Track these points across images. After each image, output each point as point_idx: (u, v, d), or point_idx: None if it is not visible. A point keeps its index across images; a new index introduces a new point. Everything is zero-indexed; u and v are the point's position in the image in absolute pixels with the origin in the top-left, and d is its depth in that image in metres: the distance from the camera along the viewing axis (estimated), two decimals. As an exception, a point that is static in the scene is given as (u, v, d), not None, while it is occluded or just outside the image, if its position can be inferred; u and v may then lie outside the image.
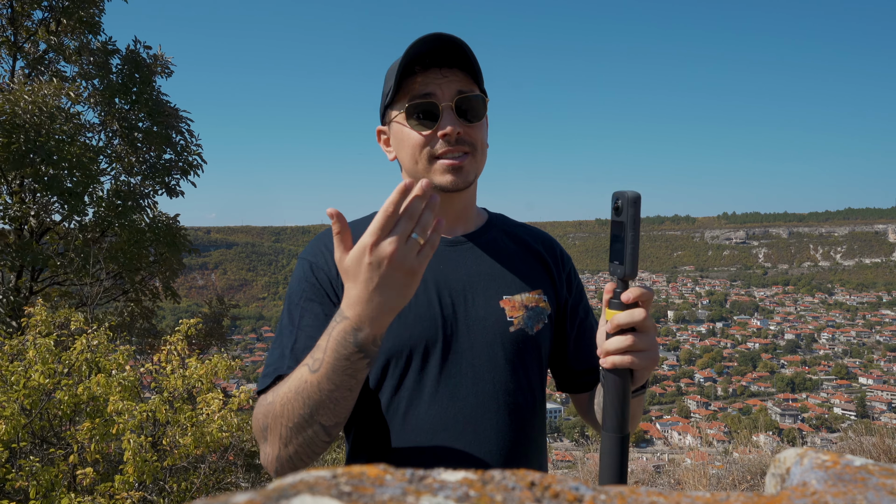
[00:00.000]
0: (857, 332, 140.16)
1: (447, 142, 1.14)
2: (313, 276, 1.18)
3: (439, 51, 1.12)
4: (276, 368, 1.11)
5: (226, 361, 4.09)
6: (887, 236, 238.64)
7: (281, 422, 1.00)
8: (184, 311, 51.08)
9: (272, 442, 1.03)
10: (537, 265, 1.29)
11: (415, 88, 1.14)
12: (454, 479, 0.37)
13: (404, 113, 1.16)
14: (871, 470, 0.43)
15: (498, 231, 1.31)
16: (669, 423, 69.89)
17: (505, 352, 1.17)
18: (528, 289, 1.24)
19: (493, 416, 1.14)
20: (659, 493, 0.40)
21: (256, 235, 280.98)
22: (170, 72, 10.43)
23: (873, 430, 5.84)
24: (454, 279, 1.20)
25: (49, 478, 3.19)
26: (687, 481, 5.24)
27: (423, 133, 1.14)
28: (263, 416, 1.04)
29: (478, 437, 1.12)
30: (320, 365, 0.95)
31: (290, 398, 0.99)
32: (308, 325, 1.13)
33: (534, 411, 1.20)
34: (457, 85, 1.15)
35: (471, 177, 1.18)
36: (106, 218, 9.45)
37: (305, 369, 0.97)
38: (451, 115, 1.14)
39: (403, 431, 1.13)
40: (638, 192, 0.99)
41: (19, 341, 3.92)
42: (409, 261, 0.88)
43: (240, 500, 0.34)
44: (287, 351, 1.12)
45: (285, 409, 1.00)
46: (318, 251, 1.21)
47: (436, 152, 1.15)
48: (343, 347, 0.93)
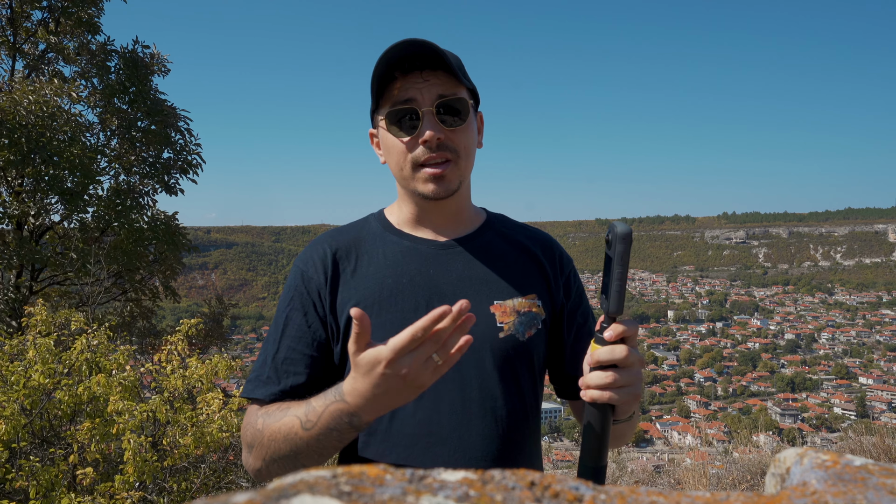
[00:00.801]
0: (857, 331, 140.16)
1: (428, 148, 1.12)
2: (302, 286, 1.19)
3: (416, 55, 1.10)
4: (257, 376, 1.17)
5: (226, 361, 4.08)
6: (887, 236, 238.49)
7: (266, 450, 1.06)
8: (184, 311, 51.08)
9: (255, 458, 1.09)
10: (533, 269, 1.26)
11: (396, 94, 1.13)
12: (454, 479, 0.37)
13: (386, 119, 1.14)
14: (871, 470, 0.43)
15: (493, 233, 1.28)
16: (669, 422, 69.86)
17: (493, 358, 1.15)
18: (520, 293, 1.21)
19: (479, 423, 1.12)
20: (659, 493, 0.40)
21: (256, 235, 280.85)
22: (166, 70, 10.42)
23: (873, 430, 5.84)
24: (444, 283, 1.18)
25: (49, 478, 3.19)
26: (687, 481, 5.24)
27: (404, 140, 1.13)
28: (251, 436, 1.10)
29: (463, 444, 1.11)
30: (312, 427, 0.99)
31: (277, 438, 1.04)
32: (290, 336, 1.17)
33: (523, 418, 1.18)
34: (438, 89, 1.12)
35: (454, 185, 1.16)
36: (105, 217, 9.45)
37: (298, 423, 1.01)
38: (431, 120, 1.11)
39: (389, 437, 1.13)
40: (629, 228, 0.97)
41: (19, 341, 3.92)
42: (422, 379, 0.90)
43: (240, 500, 0.34)
44: (269, 359, 1.16)
45: (272, 445, 1.05)
46: (309, 260, 1.21)
47: (418, 159, 1.13)
48: (336, 423, 0.97)
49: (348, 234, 1.25)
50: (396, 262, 1.19)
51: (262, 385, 1.15)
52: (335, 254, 1.20)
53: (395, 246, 1.22)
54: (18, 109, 7.87)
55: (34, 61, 9.69)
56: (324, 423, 0.97)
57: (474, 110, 1.21)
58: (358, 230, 1.26)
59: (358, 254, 1.21)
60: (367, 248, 1.22)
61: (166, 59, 10.37)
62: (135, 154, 9.98)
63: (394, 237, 1.23)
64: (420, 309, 1.14)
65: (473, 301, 1.17)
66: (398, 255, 1.20)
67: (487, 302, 1.18)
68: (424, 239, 1.23)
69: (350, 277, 1.19)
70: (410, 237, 1.23)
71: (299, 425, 1.00)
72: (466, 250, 1.23)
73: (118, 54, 9.97)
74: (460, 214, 1.26)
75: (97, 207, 9.37)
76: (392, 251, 1.21)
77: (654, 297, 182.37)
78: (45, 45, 9.66)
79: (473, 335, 1.14)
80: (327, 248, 1.21)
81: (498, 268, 1.23)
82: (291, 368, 1.14)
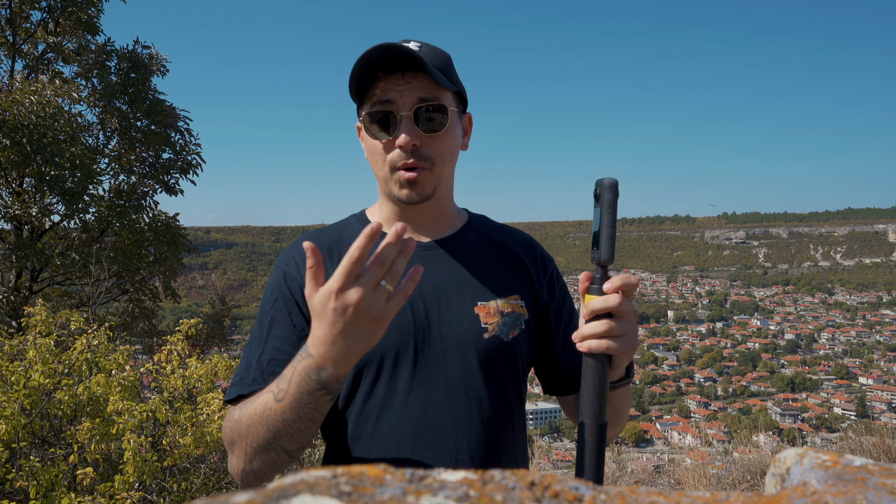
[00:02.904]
0: (857, 332, 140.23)
1: (404, 152, 1.11)
2: (285, 286, 1.17)
3: (397, 57, 1.08)
4: (241, 379, 1.12)
5: (226, 361, 4.08)
6: (887, 236, 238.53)
7: (246, 441, 1.03)
8: (184, 311, 51.10)
9: (238, 456, 1.05)
10: (515, 269, 1.26)
11: (376, 94, 1.11)
12: (454, 479, 0.37)
13: (365, 118, 1.14)
14: (871, 470, 0.43)
15: (475, 234, 1.28)
16: (669, 422, 69.91)
17: (479, 359, 1.14)
18: (504, 294, 1.21)
19: (466, 425, 1.12)
20: (659, 493, 0.40)
21: (256, 235, 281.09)
22: (166, 70, 10.42)
23: (873, 430, 5.84)
24: (427, 285, 1.17)
25: (49, 478, 3.19)
26: (687, 481, 5.24)
27: (382, 141, 1.13)
28: (231, 431, 1.07)
29: (448, 446, 1.11)
30: (284, 395, 0.96)
31: (254, 421, 1.01)
32: (275, 336, 1.13)
33: (509, 419, 1.18)
34: (419, 92, 1.10)
35: (428, 190, 1.15)
36: (107, 218, 9.45)
37: (270, 396, 0.98)
38: (408, 124, 1.10)
39: (375, 439, 1.12)
40: (615, 179, 0.99)
41: (19, 341, 3.92)
42: (377, 309, 0.87)
43: (240, 499, 0.34)
44: (254, 361, 1.13)
45: (250, 431, 1.01)
46: (290, 259, 1.19)
47: (395, 163, 1.13)
48: (306, 383, 0.93)
49: (330, 234, 1.24)
50: None
51: (247, 387, 1.11)
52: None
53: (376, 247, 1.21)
54: (20, 110, 7.87)
55: (33, 62, 9.69)
56: (294, 387, 0.94)
57: (459, 114, 1.20)
58: (339, 231, 1.25)
59: (340, 254, 1.19)
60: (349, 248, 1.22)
61: (165, 58, 10.37)
62: (134, 154, 9.98)
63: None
64: (405, 310, 1.13)
65: (457, 302, 1.17)
66: None
67: (471, 303, 1.17)
68: None
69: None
70: None
71: (272, 399, 0.98)
72: (448, 252, 1.22)
73: (118, 54, 9.97)
74: (441, 216, 1.25)
75: (98, 208, 9.37)
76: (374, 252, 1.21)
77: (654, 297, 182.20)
78: (45, 45, 9.66)
79: (458, 336, 1.15)
80: None
81: (480, 269, 1.22)
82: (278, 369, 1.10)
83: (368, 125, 1.13)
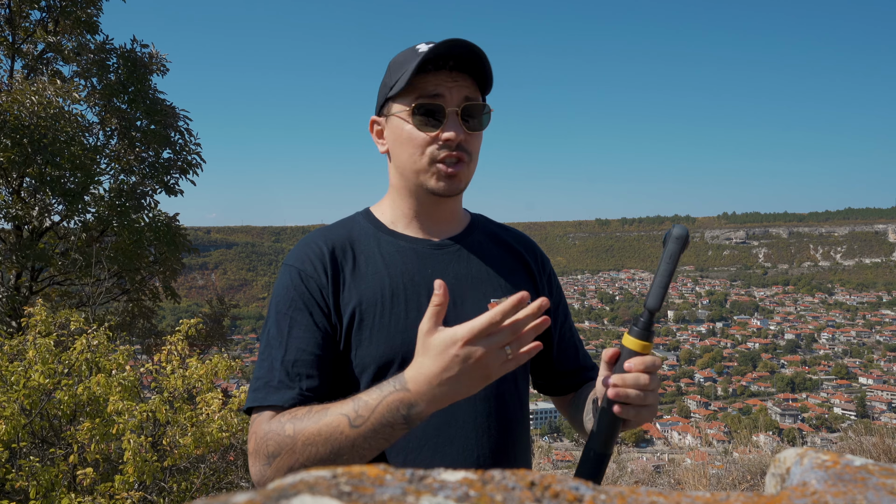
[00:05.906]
0: (857, 332, 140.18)
1: (448, 147, 1.13)
2: (303, 285, 1.14)
3: (459, 55, 1.13)
4: (266, 382, 1.08)
5: (226, 361, 4.08)
6: (887, 236, 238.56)
7: (297, 458, 0.98)
8: (184, 311, 51.07)
9: (278, 469, 1.00)
10: (520, 268, 1.29)
11: (424, 87, 1.13)
12: (454, 479, 0.37)
13: (410, 110, 1.14)
14: (871, 470, 0.43)
15: (481, 233, 1.30)
16: (669, 423, 69.81)
17: None
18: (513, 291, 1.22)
19: (485, 421, 1.14)
20: (659, 493, 0.40)
21: (256, 235, 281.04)
22: (165, 70, 10.41)
23: (873, 430, 5.85)
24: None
25: (49, 478, 3.19)
26: (687, 481, 5.24)
27: (430, 134, 1.14)
28: (276, 444, 1.00)
29: (470, 442, 1.13)
30: (363, 423, 0.94)
31: (316, 441, 0.97)
32: (297, 337, 1.11)
33: (522, 415, 1.22)
34: (465, 91, 1.15)
35: (462, 185, 1.18)
36: (107, 218, 9.45)
37: (345, 421, 0.95)
38: (455, 120, 1.13)
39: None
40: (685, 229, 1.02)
41: (19, 341, 3.92)
42: (493, 368, 0.90)
43: (240, 499, 0.34)
44: (277, 363, 1.09)
45: (307, 450, 0.98)
46: (305, 258, 1.17)
47: (436, 156, 1.14)
48: (392, 416, 0.93)
49: (339, 232, 1.23)
50: (394, 262, 1.19)
51: (274, 391, 1.06)
52: (332, 251, 1.18)
53: (390, 246, 1.21)
54: (21, 110, 7.87)
55: (33, 61, 9.69)
56: (377, 417, 0.93)
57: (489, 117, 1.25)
58: (348, 229, 1.24)
59: (355, 252, 1.19)
60: (363, 247, 1.20)
61: (165, 58, 10.36)
62: (134, 154, 9.97)
63: (388, 237, 1.22)
64: (423, 309, 1.12)
65: (472, 299, 1.18)
66: (395, 255, 1.20)
67: (485, 300, 1.19)
68: (419, 238, 1.23)
69: (351, 276, 1.17)
70: (405, 237, 1.22)
71: (347, 423, 0.95)
72: (463, 248, 1.25)
73: (117, 54, 9.96)
74: (454, 214, 1.27)
75: (98, 208, 9.37)
76: (388, 251, 1.20)
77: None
78: (44, 45, 9.66)
79: None
80: (323, 245, 1.18)
81: (491, 266, 1.25)
82: (304, 371, 1.08)
83: (413, 116, 1.14)
